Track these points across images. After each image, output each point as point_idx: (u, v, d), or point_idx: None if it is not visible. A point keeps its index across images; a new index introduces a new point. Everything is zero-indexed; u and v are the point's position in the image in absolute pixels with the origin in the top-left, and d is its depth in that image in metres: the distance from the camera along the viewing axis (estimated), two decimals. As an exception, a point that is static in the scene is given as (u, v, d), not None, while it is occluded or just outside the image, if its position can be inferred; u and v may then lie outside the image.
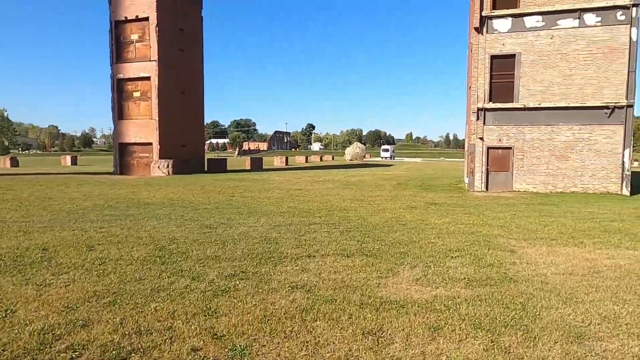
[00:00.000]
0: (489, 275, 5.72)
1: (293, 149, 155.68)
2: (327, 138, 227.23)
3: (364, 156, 67.05)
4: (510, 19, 18.50)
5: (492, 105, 18.87)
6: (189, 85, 32.59)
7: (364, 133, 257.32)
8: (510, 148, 18.98)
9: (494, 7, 18.70)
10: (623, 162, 17.69)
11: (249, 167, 40.38)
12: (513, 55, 18.66)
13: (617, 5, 17.22)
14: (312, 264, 6.21)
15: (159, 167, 28.33)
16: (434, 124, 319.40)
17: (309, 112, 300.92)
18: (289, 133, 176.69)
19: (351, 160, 64.54)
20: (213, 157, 47.54)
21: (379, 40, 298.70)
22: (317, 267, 6.01)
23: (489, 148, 19.21)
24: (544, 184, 18.58)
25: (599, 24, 17.55)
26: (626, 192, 17.62)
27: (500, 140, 19.06)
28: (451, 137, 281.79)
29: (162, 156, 28.86)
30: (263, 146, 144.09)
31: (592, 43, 17.68)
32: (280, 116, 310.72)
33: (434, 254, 6.91)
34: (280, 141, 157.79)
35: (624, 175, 17.70)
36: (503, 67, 18.90)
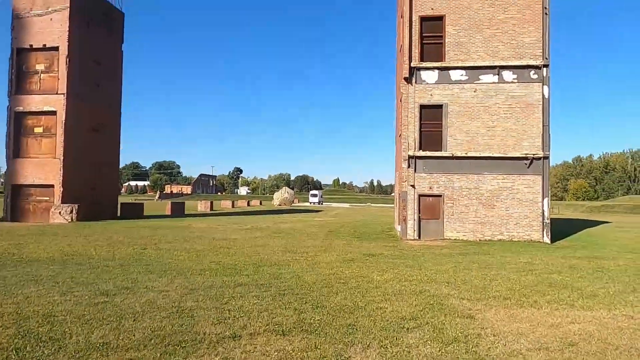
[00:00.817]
0: (459, 357, 4.66)
1: (219, 193, 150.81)
2: (254, 182, 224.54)
3: (293, 201, 66.13)
4: (437, 71, 19.14)
5: (422, 153, 18.99)
6: (104, 122, 29.73)
7: (292, 178, 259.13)
8: (440, 196, 19.04)
9: (421, 59, 19.29)
10: (543, 211, 18.43)
11: (169, 213, 37.30)
12: (440, 106, 19.17)
13: (530, 65, 18.56)
14: (237, 349, 4.72)
15: (60, 212, 24.73)
16: (359, 170, 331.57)
17: (236, 155, 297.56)
18: (215, 176, 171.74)
19: (279, 205, 63.20)
20: (131, 200, 43.54)
21: (308, 86, 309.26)
22: (244, 356, 4.54)
23: (420, 195, 19.12)
24: (473, 232, 18.71)
25: (516, 80, 18.73)
26: (547, 240, 18.24)
27: (430, 188, 19.09)
28: (375, 183, 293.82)
29: (65, 200, 25.33)
30: (187, 190, 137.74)
31: (510, 98, 18.74)
32: (206, 159, 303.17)
33: (386, 325, 5.76)
34: (205, 185, 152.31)
35: (544, 224, 18.39)
36: (432, 116, 19.30)
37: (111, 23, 30.68)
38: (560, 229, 23.12)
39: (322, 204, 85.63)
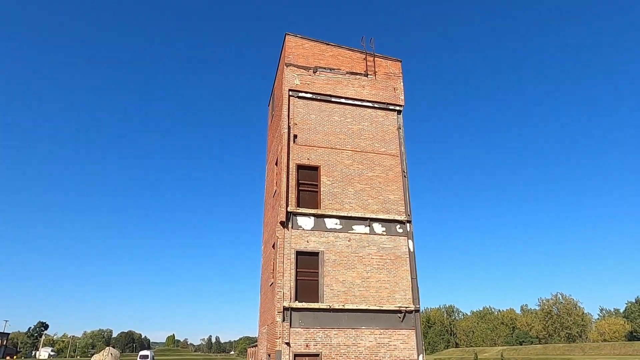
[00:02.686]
0: None
1: (8, 357, 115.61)
2: (62, 341, 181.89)
3: (117, 366, 53.47)
4: (312, 217, 18.83)
5: (298, 304, 17.15)
6: None
7: (114, 335, 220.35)
8: (317, 355, 16.80)
9: (298, 205, 18.94)
10: (420, 370, 17.54)
11: None
12: (317, 254, 18.37)
13: (395, 219, 19.74)
14: None
15: None
16: (195, 326, 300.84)
17: (42, 308, 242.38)
18: (8, 334, 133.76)
19: (98, 371, 50.15)
20: None
21: (127, 235, 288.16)
22: None
23: (295, 355, 16.56)
24: (353, 399, 16.42)
25: (385, 233, 19.47)
26: (427, 403, 16.98)
27: (307, 345, 16.83)
28: (214, 340, 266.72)
29: None
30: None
31: (381, 249, 19.12)
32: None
33: None
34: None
35: (423, 384, 17.33)
36: (308, 264, 18.20)
37: None
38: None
39: (153, 367, 71.61)
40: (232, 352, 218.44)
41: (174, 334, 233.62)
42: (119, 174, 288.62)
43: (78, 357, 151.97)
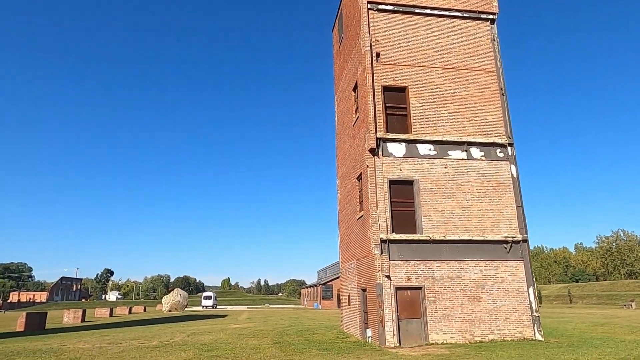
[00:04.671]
0: None
1: (83, 300, 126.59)
2: (127, 286, 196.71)
3: (186, 305, 56.38)
4: (404, 143, 17.05)
5: (396, 236, 15.85)
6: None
7: (172, 279, 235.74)
8: (420, 288, 15.67)
9: (387, 131, 17.15)
10: (530, 302, 16.12)
11: (22, 328, 27.12)
12: (411, 182, 16.77)
13: (495, 142, 17.61)
14: None
15: None
16: (244, 270, 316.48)
17: (107, 255, 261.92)
18: (80, 280, 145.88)
19: (170, 311, 53.06)
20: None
21: (187, 183, 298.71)
22: None
23: (397, 289, 15.51)
24: (460, 332, 15.36)
25: (484, 158, 17.47)
26: (539, 336, 15.69)
27: (409, 278, 15.69)
28: (262, 283, 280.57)
29: None
30: (41, 297, 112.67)
31: (482, 176, 17.24)
32: (70, 260, 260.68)
33: None
34: (66, 290, 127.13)
35: (534, 317, 15.97)
36: (402, 194, 16.68)
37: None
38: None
39: (216, 307, 75.64)
40: (280, 294, 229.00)
41: (228, 278, 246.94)
42: (181, 123, 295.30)
43: (142, 299, 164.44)
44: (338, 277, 70.83)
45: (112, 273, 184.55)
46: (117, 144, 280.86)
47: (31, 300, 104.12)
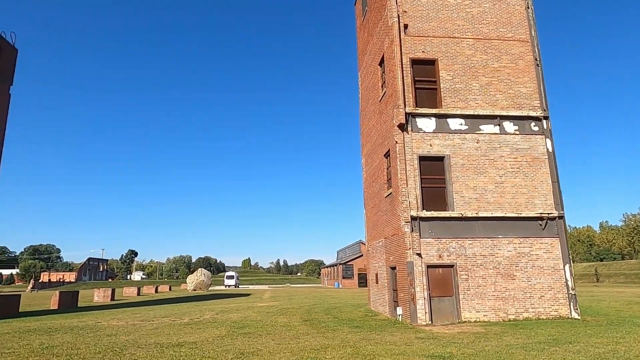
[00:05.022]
0: None
1: (110, 280, 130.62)
2: (151, 266, 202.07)
3: (210, 285, 57.48)
4: (434, 119, 16.51)
5: (427, 214, 15.49)
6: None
7: (193, 260, 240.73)
8: (452, 266, 15.36)
9: (416, 105, 16.62)
10: (566, 280, 15.67)
11: (56, 306, 27.99)
12: (442, 158, 16.28)
13: (530, 116, 16.90)
14: None
15: None
16: (263, 250, 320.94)
17: (130, 237, 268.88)
18: (107, 260, 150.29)
19: (194, 290, 54.19)
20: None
21: (206, 165, 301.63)
22: None
23: (428, 267, 15.24)
24: (494, 310, 15.07)
25: (517, 132, 16.81)
26: (575, 315, 15.28)
27: (440, 256, 15.39)
28: (281, 263, 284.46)
29: None
30: (70, 277, 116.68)
31: (515, 151, 16.61)
32: (95, 242, 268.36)
33: None
34: (94, 270, 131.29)
35: (570, 295, 15.54)
36: (433, 170, 16.24)
37: (-2, 58, 23.91)
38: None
39: (238, 286, 77.01)
40: (299, 274, 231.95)
41: (249, 258, 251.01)
42: (200, 105, 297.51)
43: (165, 279, 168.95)
44: (358, 257, 71.08)
45: (136, 254, 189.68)
46: (141, 125, 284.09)
47: (61, 280, 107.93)
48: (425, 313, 14.70)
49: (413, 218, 15.43)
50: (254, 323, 15.77)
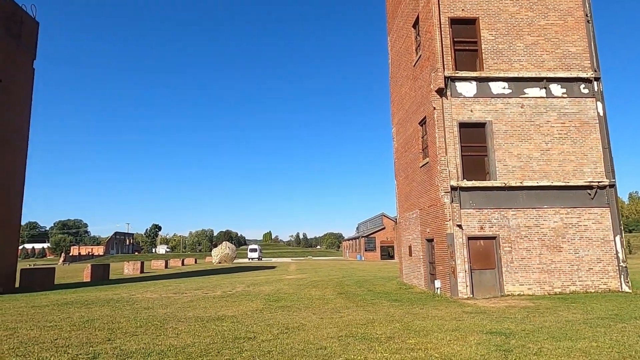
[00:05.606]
0: None
1: (136, 253, 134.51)
2: (174, 240, 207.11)
3: (234, 258, 58.25)
4: (474, 82, 15.46)
5: (468, 183, 14.70)
6: (0, 161, 21.71)
7: (215, 233, 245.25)
8: (494, 238, 14.66)
9: (455, 68, 15.56)
10: (617, 252, 14.81)
11: (88, 279, 28.63)
12: (483, 124, 15.32)
13: (579, 77, 15.66)
14: None
15: None
16: (282, 223, 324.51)
17: (154, 211, 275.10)
18: (132, 234, 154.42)
19: (219, 263, 55.02)
20: (29, 266, 33.49)
21: (226, 138, 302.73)
22: None
23: (469, 238, 14.58)
24: (539, 283, 14.39)
25: (565, 95, 15.64)
26: (626, 288, 14.49)
27: (482, 228, 14.67)
28: (301, 236, 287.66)
29: None
30: (98, 250, 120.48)
31: (563, 115, 15.50)
32: (120, 216, 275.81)
33: None
34: (120, 244, 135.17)
35: (621, 268, 14.71)
36: (473, 138, 15.32)
37: (19, 32, 23.59)
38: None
39: (261, 259, 78.09)
40: (319, 247, 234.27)
41: (270, 231, 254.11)
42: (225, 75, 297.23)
43: (188, 252, 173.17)
44: (380, 230, 70.82)
45: (159, 228, 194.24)
46: (164, 104, 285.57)
47: (90, 254, 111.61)
48: (467, 286, 14.14)
49: (453, 188, 14.67)
50: (288, 296, 15.53)
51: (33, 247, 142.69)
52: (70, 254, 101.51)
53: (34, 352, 7.01)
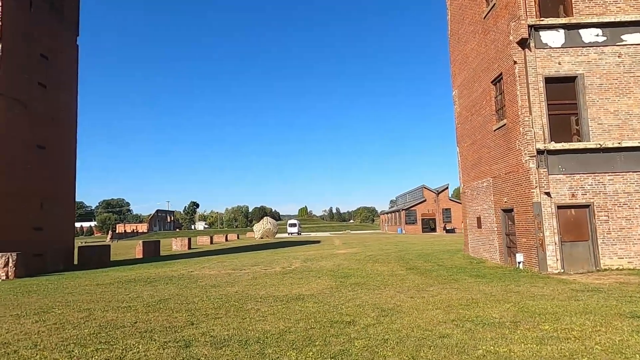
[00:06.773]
0: None
1: (177, 230, 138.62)
2: (211, 216, 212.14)
3: (276, 233, 58.40)
4: (562, 30, 13.54)
5: (556, 146, 13.06)
6: (53, 138, 21.62)
7: (250, 209, 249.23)
8: (587, 206, 13.06)
9: (540, 15, 13.67)
10: None
11: (140, 255, 28.92)
12: (573, 78, 13.48)
13: (688, 18, 13.43)
14: None
15: (-13, 267, 16.24)
16: (316, 198, 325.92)
17: (190, 189, 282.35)
18: (173, 212, 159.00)
19: (262, 238, 55.25)
20: (81, 244, 34.34)
21: (261, 115, 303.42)
22: None
23: (559, 207, 13.05)
24: (640, 257, 12.78)
25: (672, 40, 13.48)
26: None
27: (573, 195, 13.08)
28: (334, 211, 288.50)
29: (-5, 248, 16.91)
30: (142, 228, 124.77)
31: (669, 64, 13.41)
32: (159, 194, 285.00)
33: None
34: (162, 222, 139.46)
35: None
36: (561, 94, 13.54)
37: (62, 7, 23.08)
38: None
39: (300, 234, 78.28)
40: (352, 221, 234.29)
41: (306, 206, 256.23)
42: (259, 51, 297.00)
43: (225, 228, 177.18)
44: (421, 202, 69.02)
45: (197, 205, 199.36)
46: (201, 86, 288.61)
47: (135, 231, 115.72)
48: (557, 260, 12.73)
49: (539, 152, 13.08)
50: (354, 272, 14.61)
51: (81, 226, 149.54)
52: (117, 232, 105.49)
53: (117, 339, 6.32)
